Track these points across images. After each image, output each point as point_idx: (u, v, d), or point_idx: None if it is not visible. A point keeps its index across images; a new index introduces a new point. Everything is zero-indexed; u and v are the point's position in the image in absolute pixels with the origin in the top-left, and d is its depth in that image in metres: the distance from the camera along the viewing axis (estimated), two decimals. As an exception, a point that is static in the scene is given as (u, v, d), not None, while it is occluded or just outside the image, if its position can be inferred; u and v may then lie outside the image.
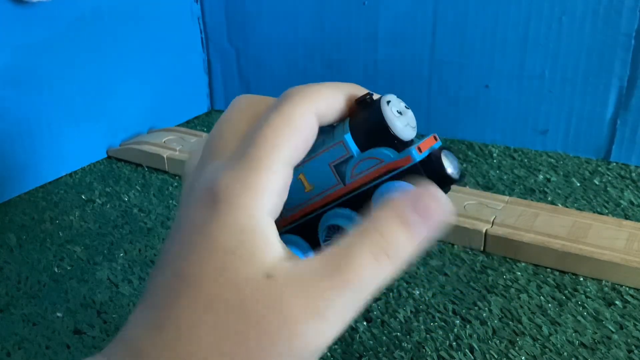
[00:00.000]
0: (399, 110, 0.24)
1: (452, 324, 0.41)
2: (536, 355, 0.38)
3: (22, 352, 0.40)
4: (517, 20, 0.64)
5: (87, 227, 0.55)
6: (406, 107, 0.25)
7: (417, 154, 0.23)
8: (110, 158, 0.71)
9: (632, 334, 0.40)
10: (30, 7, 0.59)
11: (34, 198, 0.61)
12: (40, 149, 0.64)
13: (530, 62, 0.65)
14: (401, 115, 0.24)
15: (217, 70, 0.85)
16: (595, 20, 0.60)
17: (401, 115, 0.24)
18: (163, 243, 0.25)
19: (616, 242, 0.46)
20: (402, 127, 0.24)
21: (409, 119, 0.25)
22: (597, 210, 0.54)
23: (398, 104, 0.25)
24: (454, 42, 0.68)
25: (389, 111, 0.24)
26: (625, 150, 0.63)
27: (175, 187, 0.63)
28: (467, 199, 0.53)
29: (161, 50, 0.76)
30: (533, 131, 0.67)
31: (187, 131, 0.73)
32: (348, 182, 0.25)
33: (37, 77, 0.62)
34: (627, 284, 0.44)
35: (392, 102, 0.24)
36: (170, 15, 0.77)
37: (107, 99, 0.70)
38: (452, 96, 0.70)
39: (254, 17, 0.79)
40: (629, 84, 0.61)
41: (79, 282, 0.47)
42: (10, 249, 0.52)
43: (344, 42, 0.74)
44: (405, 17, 0.69)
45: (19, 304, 0.45)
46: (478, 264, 0.47)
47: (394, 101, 0.24)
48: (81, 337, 0.41)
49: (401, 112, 0.24)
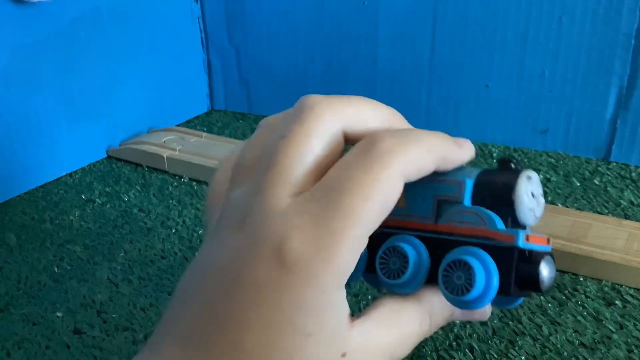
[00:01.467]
0: (534, 192, 0.23)
1: (452, 324, 0.41)
2: (536, 355, 0.38)
3: (22, 352, 0.40)
4: (517, 20, 0.64)
5: (87, 227, 0.55)
6: (542, 195, 0.23)
7: (523, 240, 0.22)
8: (110, 158, 0.71)
9: (632, 334, 0.40)
10: (30, 7, 0.59)
11: (34, 198, 0.61)
12: (41, 149, 0.64)
13: (530, 62, 0.65)
14: (532, 198, 0.23)
15: (217, 70, 0.85)
16: (595, 20, 0.60)
17: (532, 198, 0.23)
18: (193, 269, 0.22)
19: (616, 242, 0.46)
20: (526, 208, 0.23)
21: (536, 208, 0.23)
22: (597, 210, 0.54)
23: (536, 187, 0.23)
24: (454, 42, 0.68)
25: (524, 186, 0.23)
26: (625, 150, 0.63)
27: (175, 186, 0.63)
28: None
29: (161, 50, 0.76)
30: (533, 131, 0.67)
31: (187, 131, 0.73)
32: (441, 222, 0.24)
33: (37, 77, 0.62)
34: (627, 284, 0.44)
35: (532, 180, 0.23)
36: (170, 15, 0.77)
37: (107, 99, 0.70)
38: (452, 96, 0.70)
39: (254, 17, 0.79)
40: (629, 83, 0.61)
41: (79, 282, 0.47)
42: (10, 248, 0.52)
43: (344, 42, 0.74)
44: (405, 17, 0.69)
45: (19, 304, 0.45)
46: (478, 263, 0.47)
47: (535, 182, 0.23)
48: (81, 337, 0.41)
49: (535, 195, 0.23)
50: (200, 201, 0.59)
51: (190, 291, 0.22)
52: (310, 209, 0.20)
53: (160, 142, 0.69)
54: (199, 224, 0.55)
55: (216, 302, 0.21)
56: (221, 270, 0.21)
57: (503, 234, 0.22)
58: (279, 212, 0.21)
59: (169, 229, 0.54)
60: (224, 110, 0.86)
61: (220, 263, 0.21)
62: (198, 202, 0.59)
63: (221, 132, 0.77)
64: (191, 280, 0.22)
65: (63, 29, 0.63)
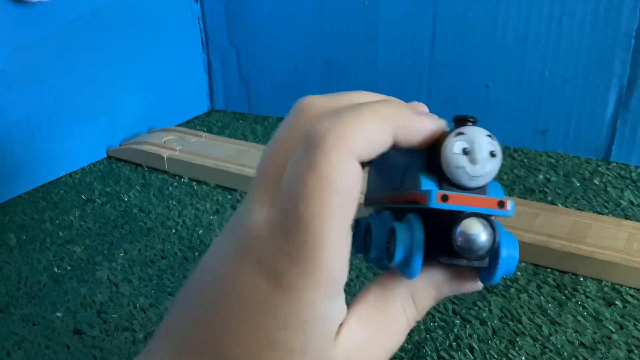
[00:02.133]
0: (469, 149, 0.21)
1: (452, 324, 0.41)
2: (536, 355, 0.38)
3: (22, 352, 0.40)
4: (517, 20, 0.64)
5: (87, 227, 0.55)
6: (489, 151, 0.21)
7: (435, 200, 0.20)
8: (110, 158, 0.71)
9: (632, 334, 0.40)
10: (30, 7, 0.59)
11: (34, 198, 0.61)
12: (40, 149, 0.63)
13: (530, 62, 0.65)
14: (463, 155, 0.21)
15: (217, 70, 0.85)
16: (595, 20, 0.60)
17: (463, 155, 0.21)
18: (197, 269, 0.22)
19: (616, 242, 0.46)
20: (452, 166, 0.21)
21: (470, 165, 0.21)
22: (597, 210, 0.54)
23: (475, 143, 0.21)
24: (454, 42, 0.68)
25: (449, 144, 0.21)
26: (625, 150, 0.63)
27: (175, 186, 0.63)
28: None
29: (161, 50, 0.76)
30: (533, 131, 0.67)
31: (187, 131, 0.73)
32: (400, 192, 0.23)
33: (37, 77, 0.62)
34: (627, 284, 0.44)
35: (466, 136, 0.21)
36: (170, 15, 0.77)
37: (107, 99, 0.70)
38: (452, 96, 0.70)
39: (254, 17, 0.79)
40: (629, 84, 0.61)
41: (79, 282, 0.47)
42: (10, 249, 0.52)
43: (344, 42, 0.74)
44: (405, 17, 0.69)
45: (19, 304, 0.45)
46: (478, 264, 0.47)
47: (471, 137, 0.21)
48: (81, 337, 0.41)
49: (470, 151, 0.21)
50: (200, 201, 0.59)
51: (185, 296, 0.22)
52: (277, 222, 0.20)
53: (160, 142, 0.69)
54: (199, 224, 0.55)
55: (205, 311, 0.21)
56: (212, 280, 0.21)
57: (421, 195, 0.21)
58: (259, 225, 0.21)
59: (169, 229, 0.54)
60: (224, 110, 0.86)
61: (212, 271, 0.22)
62: (198, 202, 0.59)
63: (221, 132, 0.77)
64: (189, 284, 0.22)
65: (63, 29, 0.63)
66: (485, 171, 0.21)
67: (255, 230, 0.21)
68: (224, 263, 0.21)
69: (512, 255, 0.22)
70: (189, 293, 0.22)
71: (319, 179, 0.19)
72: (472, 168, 0.21)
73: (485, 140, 0.21)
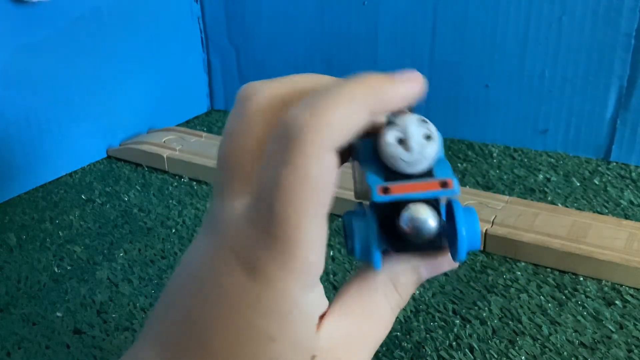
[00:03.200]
0: (405, 137, 0.21)
1: (452, 324, 0.41)
2: (536, 355, 0.38)
3: (22, 351, 0.40)
4: (517, 20, 0.64)
5: (87, 227, 0.55)
6: (424, 134, 0.21)
7: (376, 193, 0.21)
8: (110, 158, 0.71)
9: (632, 333, 0.40)
10: (30, 7, 0.59)
11: (34, 198, 0.61)
12: (40, 149, 0.64)
13: (530, 62, 0.65)
14: (398, 145, 0.21)
15: (217, 70, 0.85)
16: (595, 20, 0.60)
17: (398, 145, 0.21)
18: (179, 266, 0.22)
19: (616, 241, 0.46)
20: (388, 157, 0.21)
21: (405, 153, 0.21)
22: (597, 210, 0.54)
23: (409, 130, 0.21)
24: (454, 42, 0.68)
25: (384, 135, 0.21)
26: (625, 150, 0.63)
27: (175, 186, 0.63)
28: (467, 199, 0.53)
29: (161, 50, 0.76)
30: (533, 131, 0.67)
31: (186, 131, 0.73)
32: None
33: (37, 77, 0.62)
34: (627, 284, 0.44)
35: (397, 126, 0.21)
36: (170, 15, 0.77)
37: (107, 99, 0.70)
38: (452, 96, 0.70)
39: (254, 17, 0.79)
40: (629, 83, 0.61)
41: (79, 282, 0.47)
42: (10, 248, 0.52)
43: (344, 42, 0.74)
44: (405, 17, 0.69)
45: (19, 304, 0.45)
46: (478, 263, 0.47)
47: (403, 126, 0.21)
48: (81, 337, 0.41)
49: (406, 139, 0.21)
50: (200, 201, 0.59)
51: (167, 292, 0.22)
52: (253, 216, 0.20)
53: (160, 142, 0.69)
54: (199, 223, 0.55)
55: (185, 305, 0.21)
56: (191, 275, 0.22)
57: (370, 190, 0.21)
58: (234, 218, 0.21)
59: (169, 229, 0.54)
60: (224, 110, 0.86)
61: (192, 266, 0.22)
62: (198, 202, 0.59)
63: (221, 132, 0.77)
64: (171, 279, 0.23)
65: (63, 29, 0.63)
66: (424, 155, 0.21)
67: (231, 223, 0.21)
68: (203, 257, 0.21)
69: (472, 231, 0.22)
70: (170, 289, 0.22)
71: (296, 172, 0.19)
72: (408, 155, 0.21)
73: (417, 125, 0.21)
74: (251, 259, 0.20)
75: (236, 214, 0.21)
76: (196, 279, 0.21)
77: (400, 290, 0.23)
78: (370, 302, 0.23)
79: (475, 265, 0.47)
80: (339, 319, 0.22)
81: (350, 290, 0.23)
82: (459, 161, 0.65)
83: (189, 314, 0.21)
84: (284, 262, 0.20)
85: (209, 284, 0.21)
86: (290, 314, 0.20)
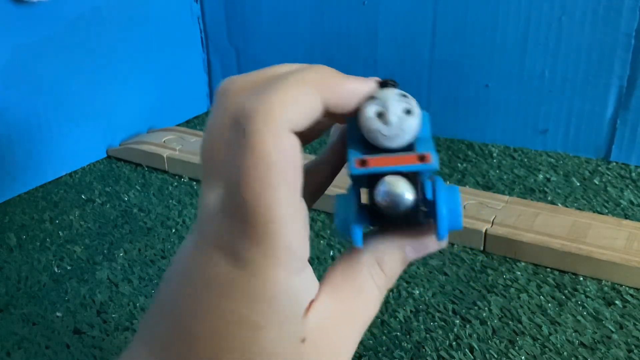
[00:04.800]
0: (385, 111, 0.21)
1: (452, 324, 0.41)
2: (536, 355, 0.38)
3: (22, 351, 0.40)
4: (517, 20, 0.64)
5: (87, 227, 0.55)
6: (404, 109, 0.21)
7: (353, 166, 0.21)
8: (110, 158, 0.71)
9: (632, 333, 0.40)
10: (30, 7, 0.59)
11: (34, 198, 0.61)
12: (40, 149, 0.64)
13: (530, 62, 0.65)
14: (377, 119, 0.21)
15: (217, 70, 0.85)
16: (595, 20, 0.60)
17: (377, 119, 0.21)
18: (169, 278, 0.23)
19: (616, 241, 0.46)
20: (366, 131, 0.21)
21: (385, 127, 0.21)
22: (597, 210, 0.54)
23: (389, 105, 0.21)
24: (454, 42, 0.68)
25: (364, 110, 0.21)
26: (625, 150, 0.63)
27: (175, 186, 0.63)
28: (467, 199, 0.53)
29: (161, 50, 0.76)
30: (533, 131, 0.67)
31: (186, 131, 0.73)
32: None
33: (37, 77, 0.62)
34: (627, 284, 0.44)
35: (378, 100, 0.21)
36: (170, 15, 0.77)
37: (107, 99, 0.70)
38: (452, 96, 0.70)
39: (254, 17, 0.79)
40: (629, 83, 0.61)
41: (79, 282, 0.47)
42: (10, 248, 0.52)
43: (344, 42, 0.74)
44: (405, 17, 0.69)
45: (19, 304, 0.45)
46: (478, 263, 0.47)
47: (384, 100, 0.21)
48: (81, 337, 0.41)
49: (385, 113, 0.21)
50: (200, 201, 0.59)
51: (159, 291, 0.23)
52: (227, 206, 0.20)
53: (160, 142, 0.69)
54: (199, 224, 0.55)
55: (173, 299, 0.21)
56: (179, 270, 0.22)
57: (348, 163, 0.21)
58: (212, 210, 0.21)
59: (169, 229, 0.54)
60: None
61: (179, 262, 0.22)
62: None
63: (221, 132, 0.77)
64: (162, 279, 0.23)
65: (63, 29, 0.63)
66: (403, 129, 0.21)
67: (209, 216, 0.21)
68: (189, 254, 0.22)
69: (453, 209, 0.21)
70: (161, 288, 0.23)
71: (254, 157, 0.19)
72: (387, 129, 0.21)
73: (397, 99, 0.21)
74: (234, 249, 0.20)
75: (213, 207, 0.21)
76: (183, 276, 0.21)
77: (386, 270, 0.23)
78: (356, 282, 0.23)
79: (475, 265, 0.47)
80: (326, 301, 0.22)
81: (336, 271, 0.23)
82: (459, 161, 0.65)
83: (177, 310, 0.21)
84: (264, 248, 0.20)
85: (195, 279, 0.21)
86: (275, 300, 0.20)
